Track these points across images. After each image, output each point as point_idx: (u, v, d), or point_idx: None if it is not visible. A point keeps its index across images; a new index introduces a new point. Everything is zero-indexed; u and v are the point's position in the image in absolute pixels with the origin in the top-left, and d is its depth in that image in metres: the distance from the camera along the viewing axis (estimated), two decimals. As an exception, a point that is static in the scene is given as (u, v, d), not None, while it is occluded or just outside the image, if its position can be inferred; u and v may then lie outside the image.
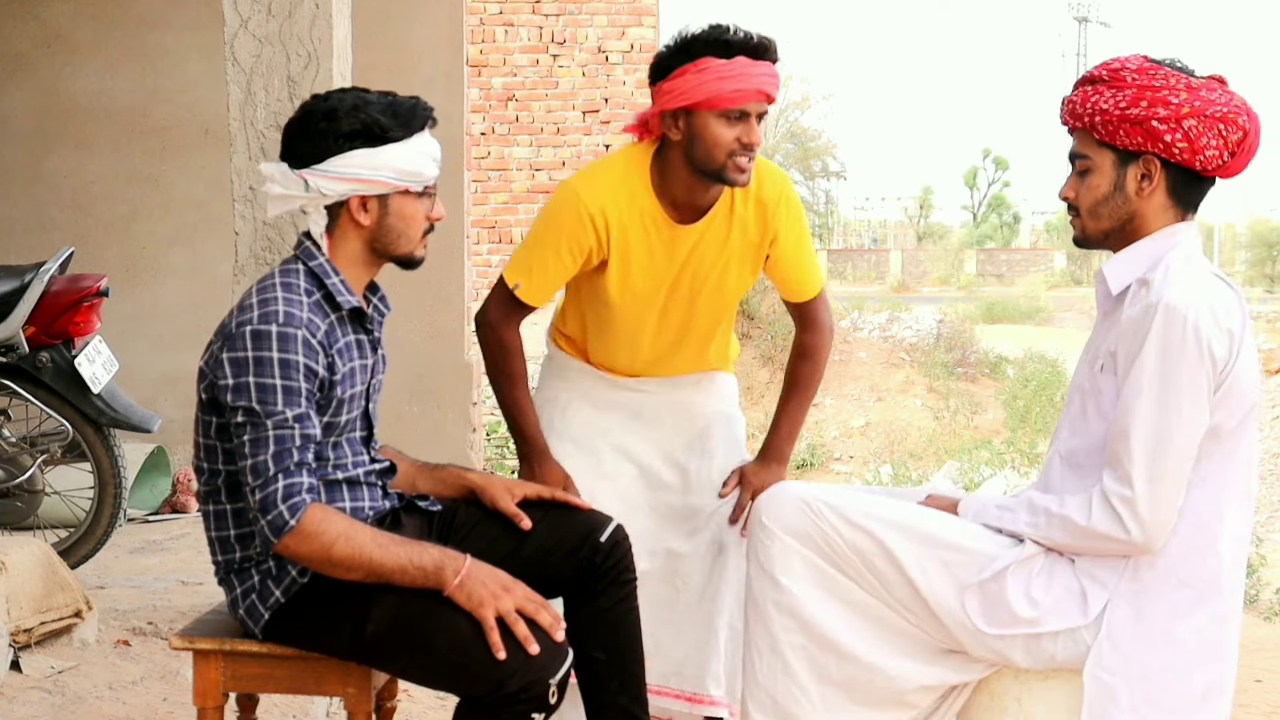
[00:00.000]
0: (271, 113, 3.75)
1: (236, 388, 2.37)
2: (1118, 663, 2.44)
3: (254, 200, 3.77)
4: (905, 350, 17.66)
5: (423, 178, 2.50)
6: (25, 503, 4.72)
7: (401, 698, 3.56)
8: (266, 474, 2.35)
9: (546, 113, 14.69)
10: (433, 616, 2.36)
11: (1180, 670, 2.45)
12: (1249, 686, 5.36)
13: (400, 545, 2.40)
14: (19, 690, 3.43)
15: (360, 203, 2.48)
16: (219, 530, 2.52)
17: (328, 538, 2.34)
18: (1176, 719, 2.45)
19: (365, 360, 2.58)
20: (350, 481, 2.56)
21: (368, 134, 2.44)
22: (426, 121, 2.52)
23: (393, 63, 6.30)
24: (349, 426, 2.55)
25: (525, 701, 2.32)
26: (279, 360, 2.37)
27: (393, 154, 2.46)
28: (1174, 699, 2.45)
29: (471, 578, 2.37)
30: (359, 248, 2.53)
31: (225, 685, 2.54)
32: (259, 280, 2.51)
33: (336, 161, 2.44)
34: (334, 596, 2.43)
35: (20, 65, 6.82)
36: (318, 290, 2.49)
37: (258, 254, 3.78)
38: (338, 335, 2.49)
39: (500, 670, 2.31)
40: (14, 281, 4.57)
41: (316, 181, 2.46)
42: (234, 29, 3.74)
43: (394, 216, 2.51)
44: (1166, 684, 2.45)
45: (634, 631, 2.69)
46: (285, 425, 2.36)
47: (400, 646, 2.39)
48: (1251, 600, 9.37)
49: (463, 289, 6.62)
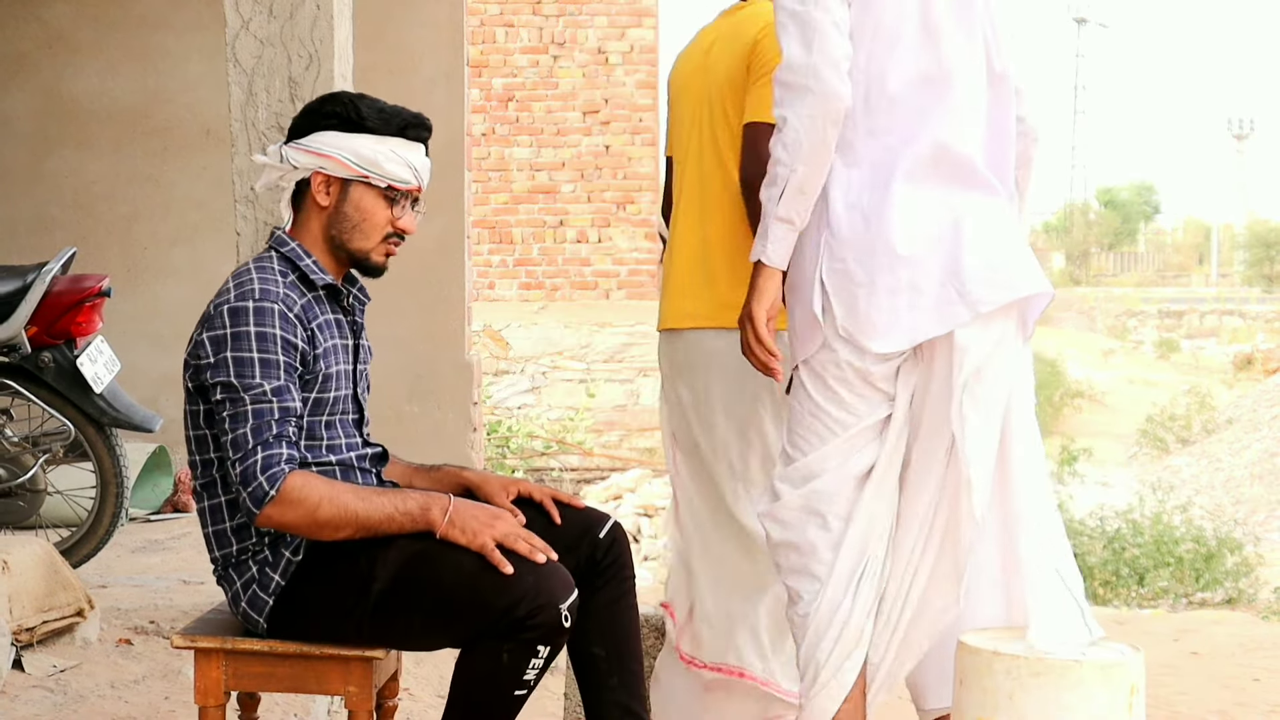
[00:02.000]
0: (273, 113, 3.76)
1: (215, 365, 2.43)
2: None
3: (255, 201, 3.79)
4: (905, 350, 17.68)
5: (384, 172, 2.56)
6: (27, 502, 4.73)
7: (402, 696, 3.57)
8: (246, 446, 2.40)
9: (547, 113, 14.70)
10: (436, 559, 2.42)
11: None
12: (1247, 686, 5.38)
13: (383, 495, 2.47)
14: (21, 689, 3.44)
15: (323, 181, 2.57)
16: (215, 524, 2.54)
17: (311, 502, 2.39)
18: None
19: (346, 340, 2.63)
20: (343, 465, 2.58)
21: (344, 118, 2.56)
22: (412, 130, 2.59)
23: (393, 64, 6.32)
24: (338, 406, 2.58)
25: (536, 629, 2.35)
26: (255, 334, 2.43)
27: (361, 142, 2.55)
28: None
29: (460, 512, 2.44)
30: (319, 233, 2.60)
31: (227, 684, 2.55)
32: (235, 269, 2.59)
33: (312, 138, 2.58)
34: (333, 569, 2.47)
35: (22, 66, 6.83)
36: (292, 272, 2.56)
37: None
38: (316, 311, 2.55)
39: (510, 594, 2.35)
40: (16, 281, 4.58)
41: (289, 153, 2.58)
42: (235, 30, 3.76)
43: (350, 205, 2.58)
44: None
45: (633, 628, 2.71)
46: (264, 399, 2.41)
47: (409, 596, 2.42)
48: (1250, 599, 9.39)
49: (463, 289, 6.62)
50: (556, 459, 13.79)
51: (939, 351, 2.51)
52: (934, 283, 2.49)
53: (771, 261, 2.57)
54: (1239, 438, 15.73)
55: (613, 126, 14.76)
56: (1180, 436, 16.78)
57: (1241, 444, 15.44)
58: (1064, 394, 17.76)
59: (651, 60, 14.80)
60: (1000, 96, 2.64)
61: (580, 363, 14.85)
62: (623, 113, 14.75)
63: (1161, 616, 7.54)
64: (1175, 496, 11.94)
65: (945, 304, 2.48)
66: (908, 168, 2.53)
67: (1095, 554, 9.42)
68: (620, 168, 14.80)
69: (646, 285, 14.89)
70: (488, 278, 12.60)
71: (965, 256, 2.50)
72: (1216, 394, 18.53)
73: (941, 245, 2.51)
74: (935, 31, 2.57)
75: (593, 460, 14.03)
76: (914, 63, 2.57)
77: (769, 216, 2.56)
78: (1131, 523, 9.63)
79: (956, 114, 2.57)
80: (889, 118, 2.56)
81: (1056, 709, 2.53)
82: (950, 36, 2.57)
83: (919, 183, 2.53)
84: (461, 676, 2.44)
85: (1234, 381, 20.73)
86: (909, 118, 2.56)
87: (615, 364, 14.85)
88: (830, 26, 2.51)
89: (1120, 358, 22.87)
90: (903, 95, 2.56)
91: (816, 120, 2.50)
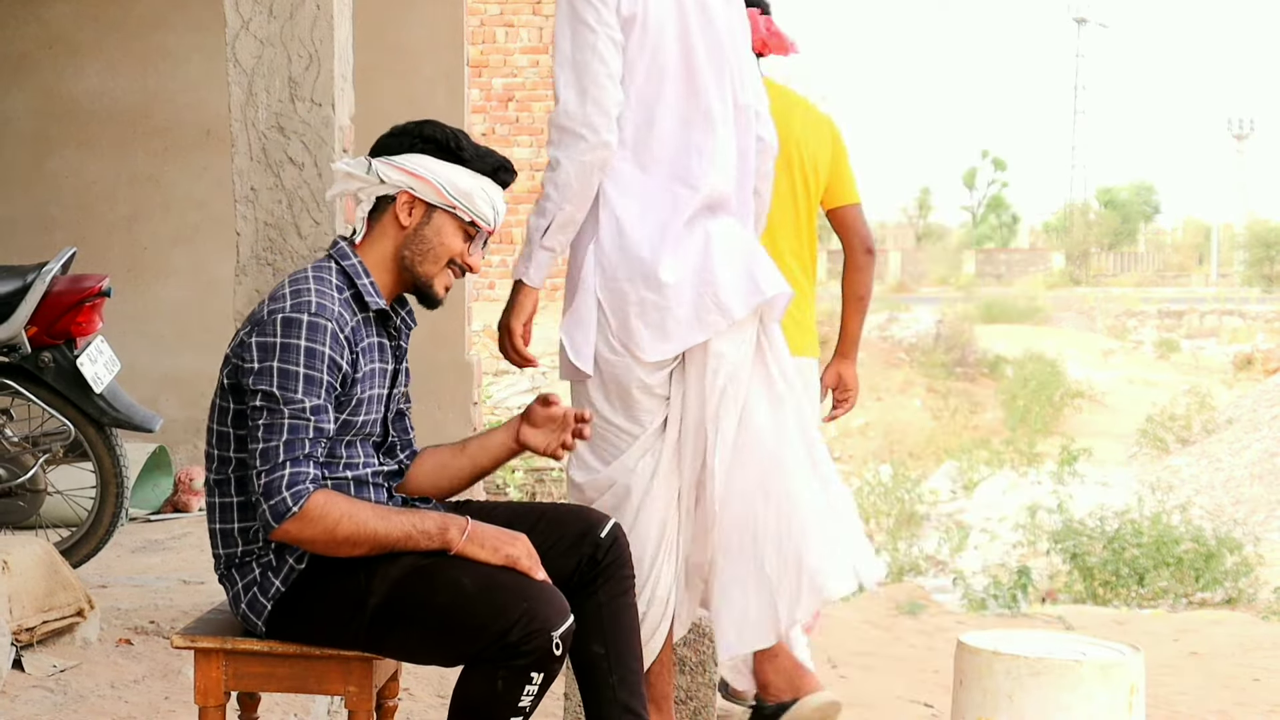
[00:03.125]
0: (273, 114, 3.77)
1: (260, 371, 2.44)
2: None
3: (255, 201, 3.79)
4: (904, 350, 17.69)
5: (473, 207, 2.59)
6: (28, 502, 4.73)
7: (402, 696, 3.57)
8: (275, 460, 2.40)
9: (547, 113, 14.69)
10: (433, 578, 2.43)
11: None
12: (1247, 685, 5.38)
13: (401, 514, 2.49)
14: (21, 689, 3.44)
15: (408, 201, 2.59)
16: (223, 522, 2.55)
17: (330, 520, 2.41)
18: None
19: (386, 365, 2.64)
20: (358, 480, 2.59)
21: (443, 146, 2.60)
22: (502, 174, 2.64)
23: (394, 64, 6.32)
24: (364, 429, 2.60)
25: (528, 655, 2.36)
26: (305, 349, 2.44)
27: (457, 173, 2.59)
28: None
29: (479, 530, 2.47)
30: (389, 251, 2.61)
31: (227, 684, 2.55)
32: (291, 273, 2.62)
33: (407, 158, 2.59)
34: (333, 580, 2.47)
35: (22, 66, 6.84)
36: (348, 289, 2.57)
37: (259, 254, 3.80)
38: (363, 334, 2.56)
39: (504, 619, 2.36)
40: (16, 282, 4.58)
41: (380, 167, 2.59)
42: (235, 30, 3.76)
43: (431, 230, 2.60)
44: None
45: (633, 627, 2.71)
46: (302, 415, 2.42)
47: (403, 613, 2.43)
48: (1250, 599, 9.39)
49: (463, 289, 6.63)
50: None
51: (694, 359, 2.90)
52: (693, 297, 2.86)
53: (531, 282, 2.95)
54: (1239, 438, 15.74)
55: (613, 126, 14.77)
56: (1180, 436, 16.78)
57: (1241, 444, 15.45)
58: (1064, 394, 17.74)
59: (651, 60, 14.81)
60: (743, 124, 3.00)
61: (580, 363, 14.87)
62: (623, 113, 14.76)
63: (1161, 616, 7.55)
64: (1175, 496, 11.95)
65: (704, 313, 2.85)
66: (685, 211, 2.87)
67: (1095, 554, 9.42)
68: (620, 168, 14.82)
69: (646, 285, 14.90)
70: (488, 278, 12.60)
71: (718, 272, 2.87)
72: (1216, 394, 18.54)
73: (699, 267, 2.87)
74: (696, 75, 2.91)
75: (593, 460, 14.03)
76: (679, 104, 2.91)
77: (534, 244, 2.92)
78: (1131, 523, 9.63)
79: (720, 154, 2.92)
80: (658, 153, 2.91)
81: (1056, 709, 2.54)
82: (708, 79, 2.92)
83: (690, 222, 2.89)
84: (458, 700, 2.45)
85: (1234, 381, 20.73)
86: (675, 156, 2.91)
87: (615, 364, 14.87)
88: (605, 78, 2.83)
89: (1120, 358, 22.88)
90: (670, 133, 2.91)
91: (586, 166, 2.84)
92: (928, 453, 14.98)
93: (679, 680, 3.44)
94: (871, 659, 5.47)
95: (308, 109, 3.76)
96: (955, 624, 6.41)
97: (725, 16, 2.98)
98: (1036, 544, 10.54)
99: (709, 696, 3.47)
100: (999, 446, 14.91)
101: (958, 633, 4.16)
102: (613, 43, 2.83)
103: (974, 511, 12.22)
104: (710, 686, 3.47)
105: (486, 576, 2.43)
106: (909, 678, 5.18)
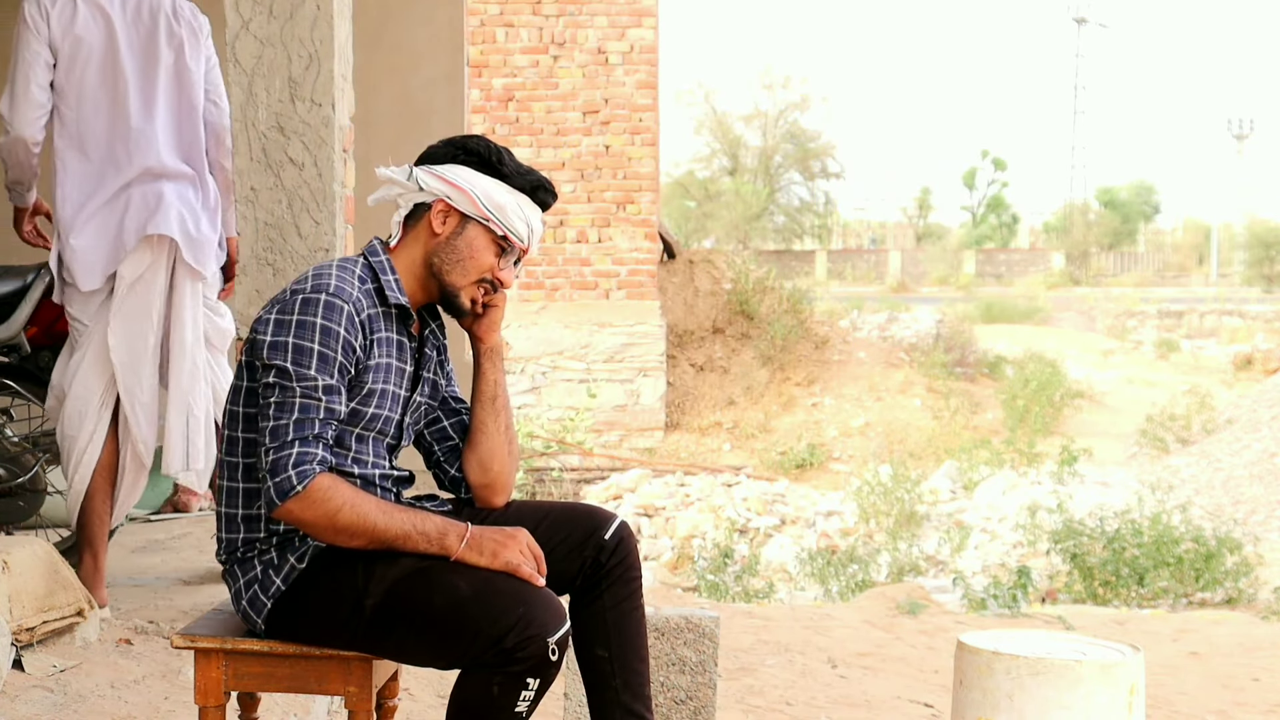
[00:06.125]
0: (273, 113, 3.77)
1: (274, 345, 2.46)
2: None
3: (256, 201, 3.79)
4: (904, 350, 17.67)
5: (507, 221, 2.61)
6: (28, 502, 4.73)
7: (402, 696, 3.57)
8: (284, 438, 2.42)
9: (547, 113, 14.70)
10: (430, 581, 2.44)
11: None
12: (1247, 685, 5.38)
13: (404, 512, 2.49)
14: (21, 689, 3.44)
15: (443, 210, 2.61)
16: (228, 506, 2.57)
17: (333, 504, 2.41)
18: None
19: (405, 365, 2.64)
20: (365, 480, 2.59)
21: (485, 160, 2.63)
22: (541, 193, 2.66)
23: (393, 64, 6.32)
24: (376, 424, 2.60)
25: (523, 660, 2.36)
26: (321, 326, 2.46)
27: (495, 186, 2.61)
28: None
29: (478, 536, 2.47)
30: (419, 257, 2.63)
31: (227, 684, 2.55)
32: (317, 264, 2.68)
33: (447, 168, 2.63)
34: (332, 580, 2.48)
35: (21, 66, 6.82)
36: (372, 281, 2.59)
37: (259, 254, 3.80)
38: (380, 325, 2.58)
39: (500, 624, 2.36)
40: (16, 282, 4.57)
41: (420, 175, 2.63)
42: (235, 30, 3.76)
43: (463, 241, 2.62)
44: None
45: (638, 629, 2.71)
46: (314, 394, 2.44)
47: (400, 615, 2.44)
48: (1250, 599, 9.38)
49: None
50: (556, 459, 13.79)
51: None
52: (112, 238, 3.95)
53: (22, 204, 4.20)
54: (1239, 438, 15.73)
55: (612, 127, 14.76)
56: (1180, 436, 16.77)
57: (1241, 444, 15.45)
58: (1064, 394, 17.73)
59: (651, 60, 14.81)
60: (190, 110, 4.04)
61: (580, 363, 14.86)
62: (622, 113, 14.76)
63: (1161, 616, 7.54)
64: (1175, 496, 11.93)
65: (118, 251, 3.95)
66: (110, 185, 3.97)
67: (1095, 554, 9.42)
68: (620, 168, 14.80)
69: (646, 285, 14.89)
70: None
71: (127, 221, 3.95)
72: (1216, 394, 18.52)
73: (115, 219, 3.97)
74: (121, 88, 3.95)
75: (593, 460, 14.03)
76: (108, 110, 3.95)
77: (13, 192, 4.15)
78: (1131, 523, 9.62)
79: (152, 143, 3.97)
80: (94, 148, 3.96)
81: (1056, 709, 2.54)
82: (135, 87, 3.95)
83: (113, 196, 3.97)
84: (454, 705, 2.45)
85: (1234, 381, 20.72)
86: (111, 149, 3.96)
87: (615, 364, 14.85)
88: (36, 90, 3.91)
89: (1120, 358, 22.88)
90: (103, 135, 3.96)
91: (18, 149, 3.98)
92: (928, 453, 14.96)
93: (679, 680, 3.44)
94: (871, 659, 5.46)
95: (308, 109, 3.76)
96: (955, 624, 6.41)
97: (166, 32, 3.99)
98: (1036, 544, 10.53)
99: (709, 696, 3.47)
100: (999, 446, 14.89)
101: (958, 633, 4.16)
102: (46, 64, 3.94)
103: (974, 511, 12.20)
104: (710, 686, 3.47)
105: (483, 581, 2.43)
106: (909, 678, 5.17)
